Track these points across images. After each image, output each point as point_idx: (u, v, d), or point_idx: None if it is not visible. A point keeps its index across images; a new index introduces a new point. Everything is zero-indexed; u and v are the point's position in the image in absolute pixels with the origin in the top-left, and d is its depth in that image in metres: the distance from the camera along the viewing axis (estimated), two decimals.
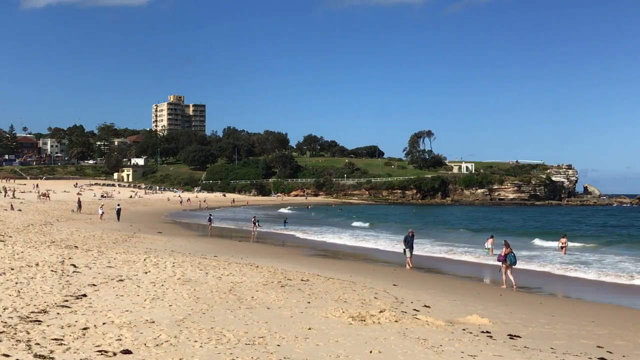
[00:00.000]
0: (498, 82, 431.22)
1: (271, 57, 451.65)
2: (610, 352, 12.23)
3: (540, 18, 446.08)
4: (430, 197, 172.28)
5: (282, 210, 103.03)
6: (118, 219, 55.63)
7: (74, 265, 18.74)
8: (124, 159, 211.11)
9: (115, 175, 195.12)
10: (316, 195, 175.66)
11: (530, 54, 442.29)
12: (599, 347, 12.75)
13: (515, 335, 13.22)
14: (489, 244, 35.13)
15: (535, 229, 64.29)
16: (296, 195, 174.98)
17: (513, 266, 23.93)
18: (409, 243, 29.32)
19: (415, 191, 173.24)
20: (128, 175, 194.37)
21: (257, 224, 50.17)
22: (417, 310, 15.48)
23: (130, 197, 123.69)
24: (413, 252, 29.60)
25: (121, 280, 16.48)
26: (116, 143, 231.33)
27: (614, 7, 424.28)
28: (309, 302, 15.27)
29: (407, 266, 28.71)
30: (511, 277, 23.70)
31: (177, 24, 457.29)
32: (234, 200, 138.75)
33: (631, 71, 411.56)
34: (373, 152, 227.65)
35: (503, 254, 24.09)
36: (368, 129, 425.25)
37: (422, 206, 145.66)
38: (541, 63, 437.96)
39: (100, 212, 58.15)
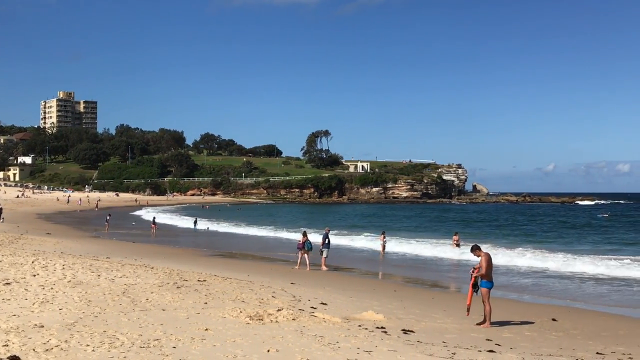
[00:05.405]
0: (391, 83, 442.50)
1: (165, 53, 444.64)
2: (499, 345, 12.74)
3: (428, 17, 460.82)
4: (328, 196, 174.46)
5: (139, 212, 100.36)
6: None
7: None
8: (10, 158, 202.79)
9: (1, 174, 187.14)
10: (213, 194, 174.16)
11: (419, 55, 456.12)
12: (488, 339, 13.27)
13: (409, 330, 13.56)
14: (381, 240, 36.46)
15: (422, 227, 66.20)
16: (193, 195, 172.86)
17: (309, 252, 27.48)
18: (326, 242, 28.24)
19: (312, 190, 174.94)
20: (15, 174, 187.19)
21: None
22: (315, 308, 15.62)
23: (17, 197, 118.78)
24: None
25: (8, 284, 15.74)
26: (2, 141, 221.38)
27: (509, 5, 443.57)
28: (205, 303, 15.11)
29: (322, 267, 27.54)
30: (307, 260, 27.34)
31: (65, 17, 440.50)
32: (136, 200, 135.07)
33: (518, 74, 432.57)
34: (271, 151, 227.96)
35: (301, 242, 27.63)
36: (266, 128, 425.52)
37: (320, 205, 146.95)
38: (430, 64, 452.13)
39: None
